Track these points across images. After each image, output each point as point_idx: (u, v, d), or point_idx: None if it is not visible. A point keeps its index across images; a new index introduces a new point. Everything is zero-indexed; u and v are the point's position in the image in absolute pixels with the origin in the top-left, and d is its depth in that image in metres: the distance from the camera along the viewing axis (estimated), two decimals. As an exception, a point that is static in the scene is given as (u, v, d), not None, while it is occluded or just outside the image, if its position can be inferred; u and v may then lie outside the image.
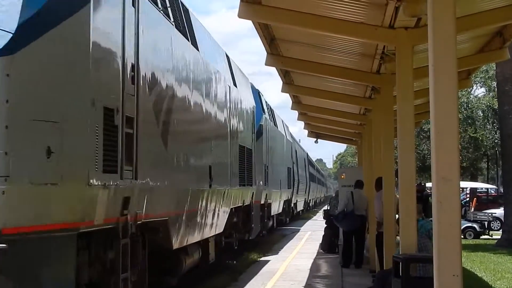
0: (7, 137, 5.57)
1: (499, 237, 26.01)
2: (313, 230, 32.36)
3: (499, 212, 30.57)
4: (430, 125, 6.08)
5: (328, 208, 23.94)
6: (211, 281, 13.96)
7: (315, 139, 27.29)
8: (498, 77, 25.81)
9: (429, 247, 8.77)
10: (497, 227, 30.62)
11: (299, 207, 41.72)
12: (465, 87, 20.73)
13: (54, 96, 6.00)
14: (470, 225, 29.09)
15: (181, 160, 9.83)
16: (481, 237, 28.74)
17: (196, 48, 11.22)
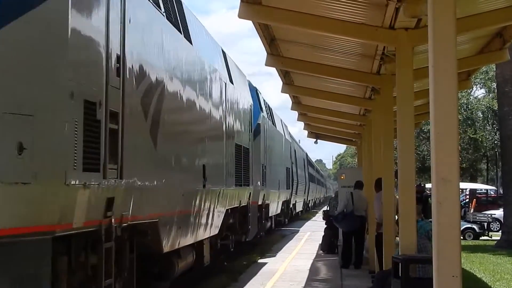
0: None
1: (498, 238, 26.00)
2: (312, 230, 32.35)
3: (498, 213, 30.62)
4: (430, 126, 6.08)
5: (328, 209, 23.92)
6: (211, 281, 13.96)
7: (315, 139, 27.32)
8: (498, 78, 25.82)
9: (428, 248, 8.78)
10: (496, 228, 30.62)
11: (298, 207, 41.27)
12: (465, 88, 20.72)
13: (27, 87, 5.51)
14: (469, 226, 29.08)
15: (172, 159, 9.32)
16: (480, 238, 28.72)
17: (190, 42, 10.66)
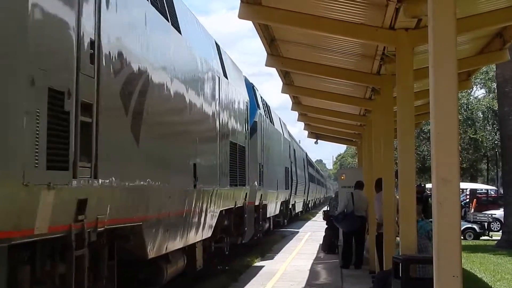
0: None
1: (499, 238, 26.00)
2: (313, 231, 32.33)
3: (499, 213, 30.60)
4: (430, 126, 6.09)
5: (328, 209, 23.93)
6: (211, 281, 13.96)
7: (315, 140, 27.31)
8: (498, 79, 25.82)
9: (429, 248, 8.78)
10: (497, 228, 30.62)
11: (298, 208, 40.67)
12: (465, 88, 20.73)
13: None
14: (470, 226, 29.07)
15: (158, 157, 8.59)
16: (481, 238, 28.72)
17: (178, 31, 9.93)
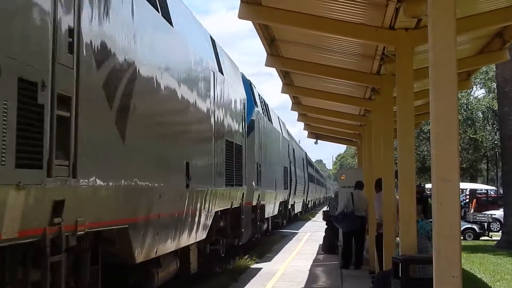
0: None
1: (498, 238, 25.99)
2: (312, 231, 32.32)
3: (498, 213, 30.60)
4: (430, 126, 6.09)
5: (328, 209, 23.93)
6: (211, 281, 13.96)
7: (315, 140, 27.31)
8: (498, 78, 25.82)
9: (428, 248, 8.78)
10: (496, 228, 30.61)
11: (297, 208, 40.22)
12: (465, 88, 20.73)
13: None
14: (469, 226, 29.06)
15: (146, 154, 8.12)
16: (480, 238, 28.71)
17: (169, 22, 9.46)
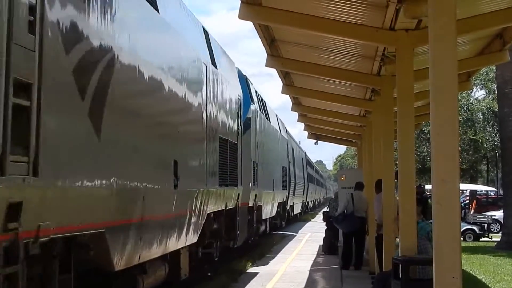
0: None
1: (498, 239, 26.00)
2: (312, 232, 32.31)
3: (498, 214, 30.61)
4: (430, 127, 6.09)
5: (328, 210, 23.93)
6: (212, 281, 13.96)
7: (315, 140, 27.31)
8: (498, 80, 25.84)
9: (428, 249, 8.77)
10: (496, 230, 30.62)
11: (296, 209, 39.59)
12: (465, 89, 20.72)
13: None
14: (469, 227, 29.05)
15: (127, 151, 7.36)
16: (480, 239, 28.70)
17: (155, 8, 8.61)
